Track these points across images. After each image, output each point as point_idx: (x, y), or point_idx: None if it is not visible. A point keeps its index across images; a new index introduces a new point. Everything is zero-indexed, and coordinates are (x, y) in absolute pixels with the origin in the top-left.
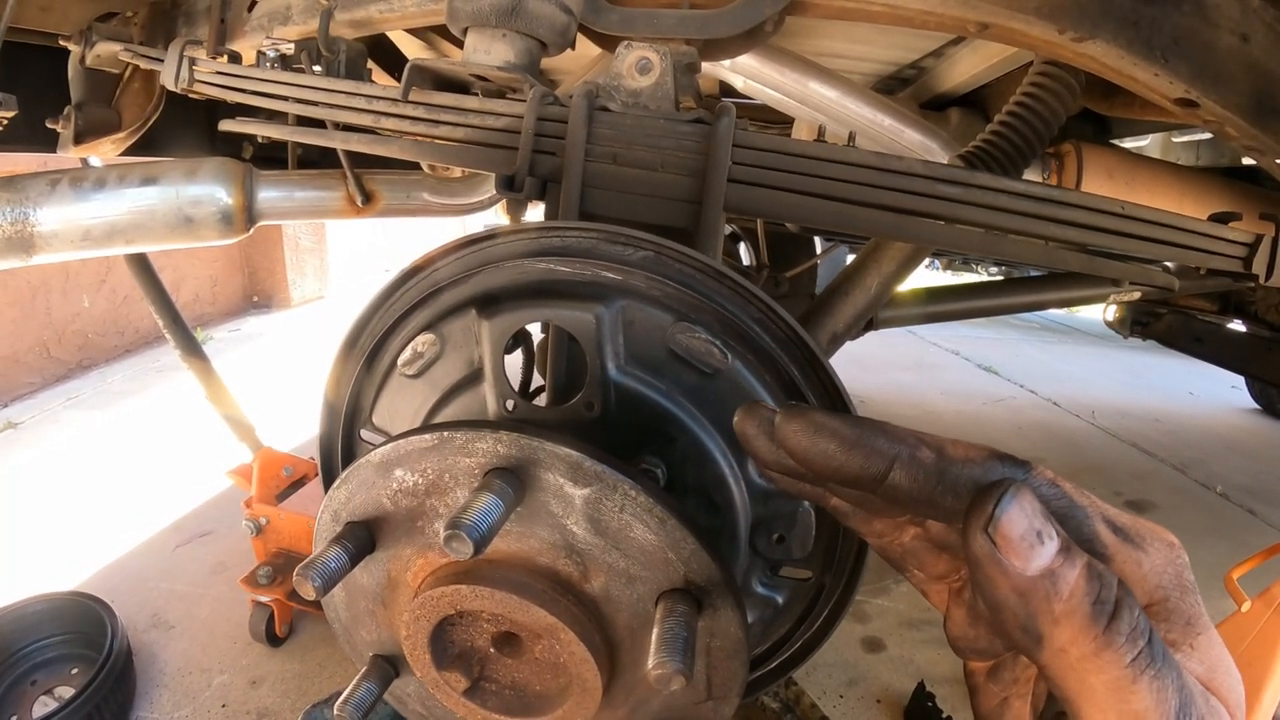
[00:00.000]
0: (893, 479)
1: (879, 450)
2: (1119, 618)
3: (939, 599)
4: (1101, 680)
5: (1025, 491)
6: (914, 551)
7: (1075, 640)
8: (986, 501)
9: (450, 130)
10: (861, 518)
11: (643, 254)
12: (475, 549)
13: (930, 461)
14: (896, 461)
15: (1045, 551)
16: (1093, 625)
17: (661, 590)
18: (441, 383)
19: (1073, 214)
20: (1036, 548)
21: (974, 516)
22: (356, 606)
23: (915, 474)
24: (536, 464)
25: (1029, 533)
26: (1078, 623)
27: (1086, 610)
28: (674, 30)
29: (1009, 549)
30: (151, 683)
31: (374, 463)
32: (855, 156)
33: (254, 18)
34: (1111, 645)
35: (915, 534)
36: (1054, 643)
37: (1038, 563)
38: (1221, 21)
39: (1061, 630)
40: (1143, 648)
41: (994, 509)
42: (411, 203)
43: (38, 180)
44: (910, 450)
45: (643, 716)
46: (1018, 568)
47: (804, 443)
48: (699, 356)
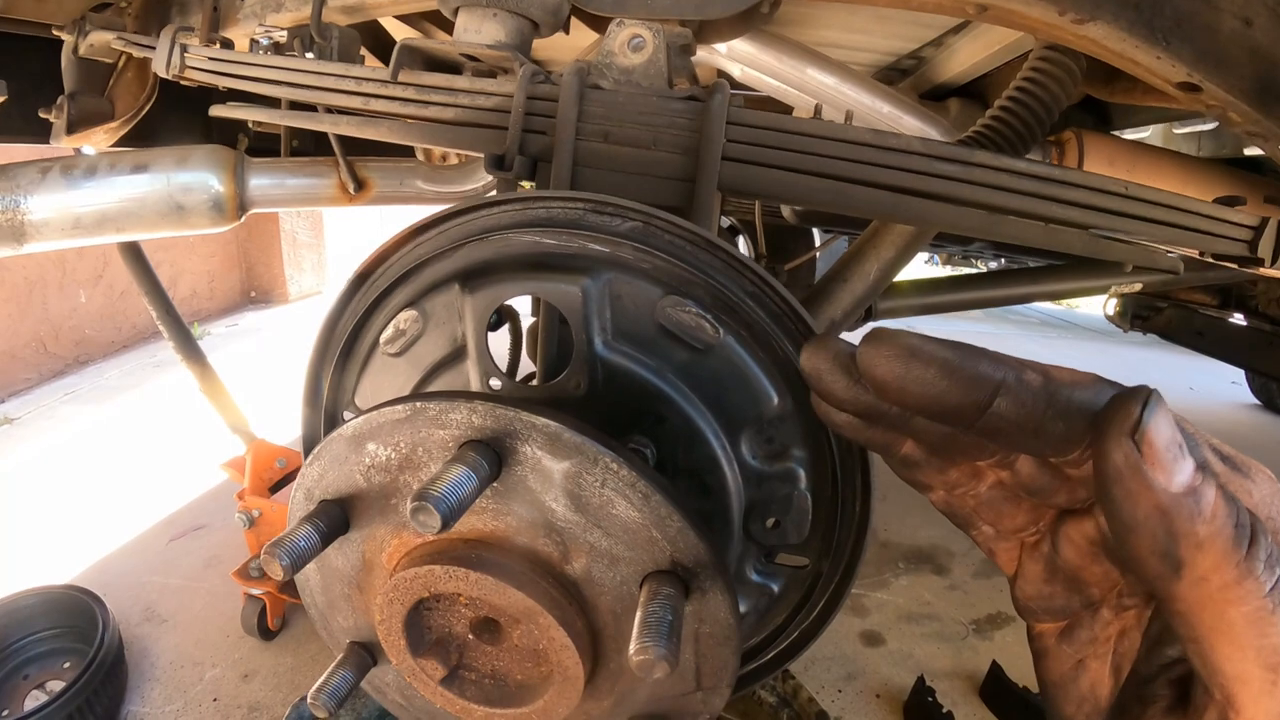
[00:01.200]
0: (998, 407)
1: (984, 375)
2: (1256, 543)
3: (1008, 557)
4: (1241, 612)
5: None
6: (990, 503)
7: (1218, 567)
8: (1131, 406)
9: (440, 110)
10: (936, 466)
11: (631, 224)
12: (443, 523)
13: (1038, 385)
14: (1002, 386)
15: (1187, 466)
16: (1235, 550)
17: (646, 572)
18: (424, 361)
19: (1075, 194)
20: (1180, 460)
21: (1114, 424)
22: (332, 591)
23: (1023, 399)
24: (513, 436)
25: (1172, 444)
26: (1220, 547)
27: (1230, 533)
28: (668, 11)
29: (1155, 460)
30: (143, 676)
31: (346, 436)
32: (852, 134)
33: (247, 5)
34: (1253, 573)
35: (994, 481)
36: (1195, 569)
37: (1181, 477)
38: (1224, 5)
39: (1205, 555)
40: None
41: (1141, 414)
42: (405, 190)
43: (28, 168)
44: (1016, 374)
45: (629, 707)
46: (1161, 482)
47: (897, 369)
48: (689, 332)
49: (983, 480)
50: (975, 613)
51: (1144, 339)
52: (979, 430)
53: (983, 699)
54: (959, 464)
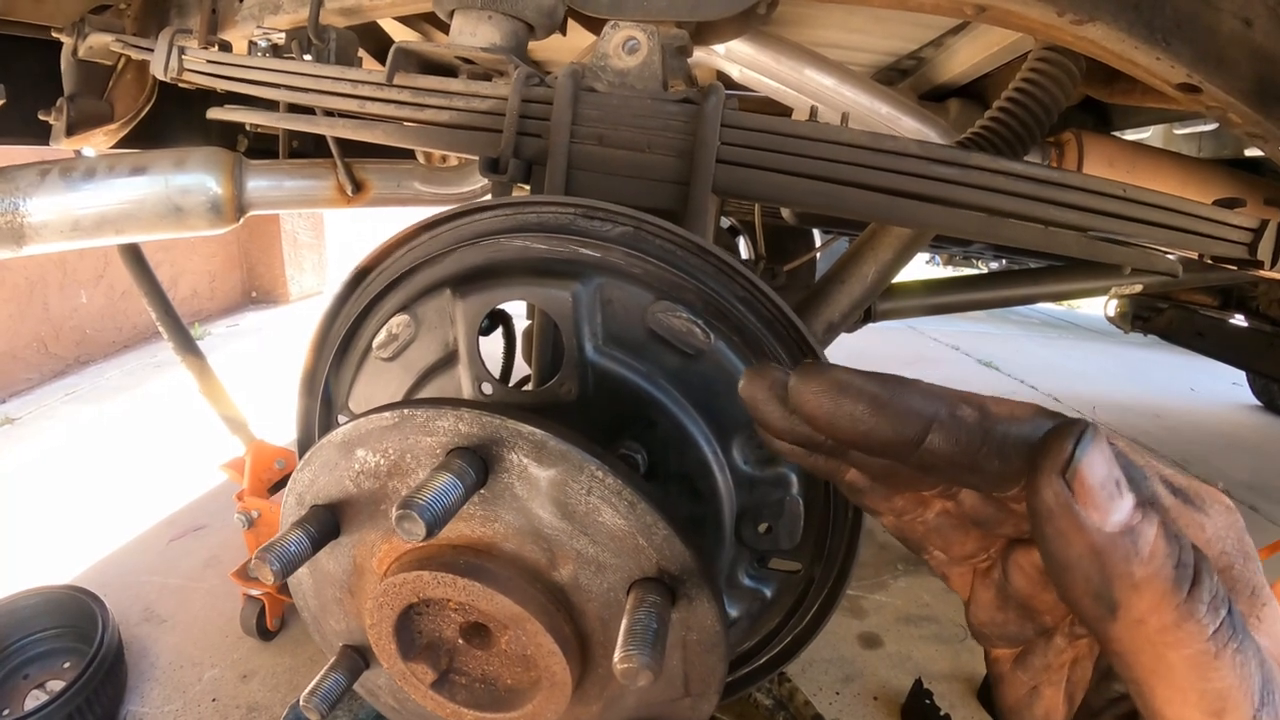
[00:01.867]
0: (930, 443)
1: (914, 410)
2: (1199, 584)
3: (961, 582)
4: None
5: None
6: (938, 530)
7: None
8: (1063, 442)
9: (435, 113)
10: (881, 494)
11: (621, 229)
12: (428, 531)
13: (973, 421)
14: (935, 422)
15: (1124, 504)
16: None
17: (633, 579)
18: (417, 365)
19: (1073, 196)
20: (1116, 499)
21: (1046, 462)
22: (324, 595)
23: (957, 435)
24: (500, 444)
25: (1108, 481)
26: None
27: (1169, 574)
28: (664, 12)
29: (1087, 498)
30: (143, 676)
31: (336, 442)
32: (848, 136)
33: (245, 7)
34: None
35: (941, 510)
36: (1131, 612)
37: (1117, 516)
38: (1224, 5)
39: (1141, 597)
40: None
41: (1073, 451)
42: (402, 192)
43: (27, 170)
44: (950, 409)
45: (618, 713)
46: (1095, 522)
47: (826, 406)
48: (680, 337)
49: (929, 508)
50: None
51: (1145, 339)
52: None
53: (980, 701)
54: (903, 493)
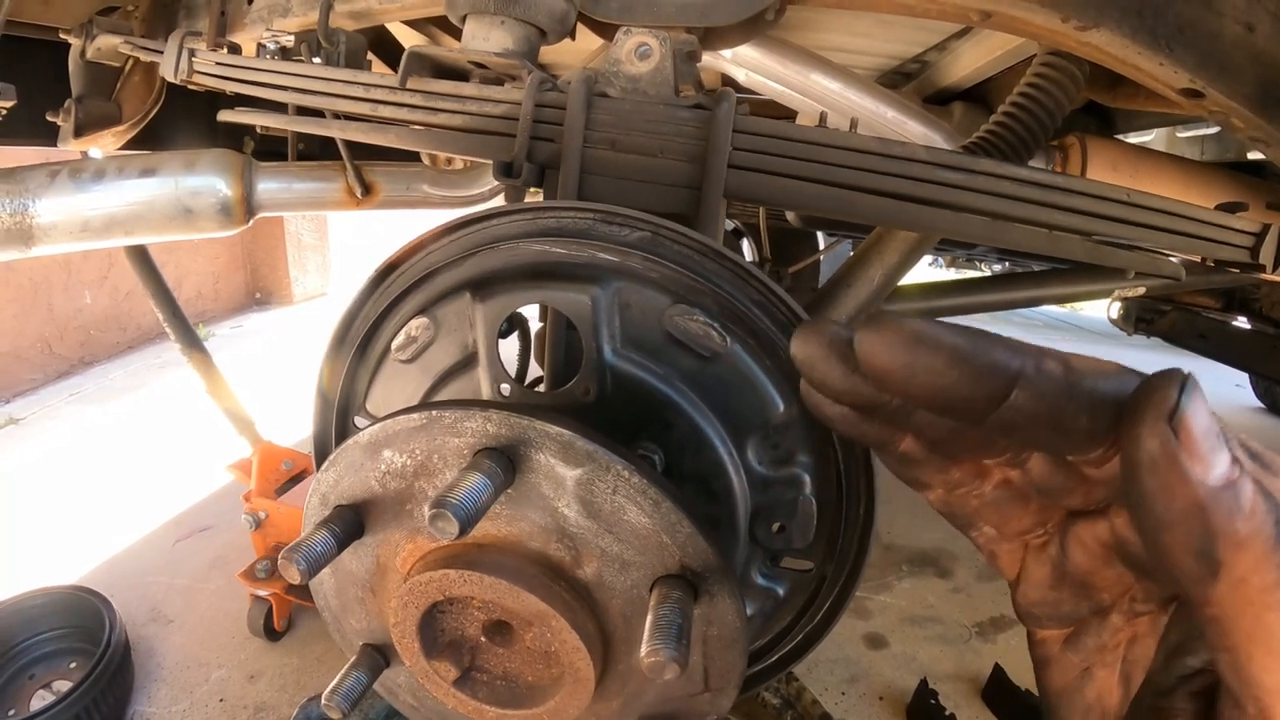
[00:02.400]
0: (1015, 400)
1: (999, 365)
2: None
3: (1011, 559)
4: None
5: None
6: (994, 503)
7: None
8: (1168, 389)
9: (448, 118)
10: (936, 465)
11: (639, 234)
12: (461, 530)
13: (1059, 375)
14: (1021, 377)
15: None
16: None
17: (656, 576)
18: (435, 368)
19: (1077, 201)
20: (1219, 452)
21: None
22: (346, 594)
23: (1043, 391)
24: (527, 444)
25: (1210, 432)
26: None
27: (1271, 533)
28: (674, 18)
29: (1193, 449)
30: (150, 677)
31: (362, 444)
32: (856, 142)
33: (254, 10)
34: None
35: (1000, 480)
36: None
37: (1220, 470)
38: (1226, 10)
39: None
40: None
41: (1179, 399)
42: (411, 194)
43: (37, 171)
44: (1036, 363)
45: (638, 708)
46: (1199, 474)
47: (901, 358)
48: (697, 340)
49: (988, 479)
50: (978, 615)
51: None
52: (993, 426)
53: (985, 701)
54: (963, 462)
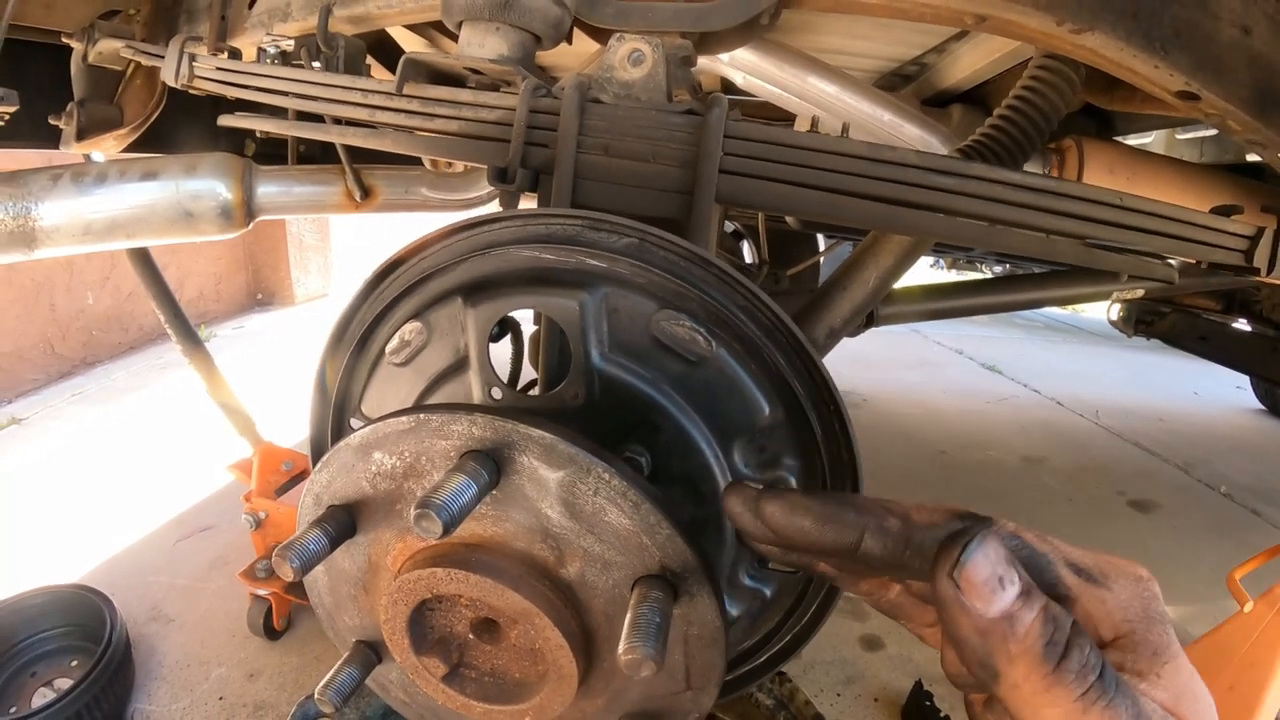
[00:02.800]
0: (865, 547)
1: (849, 523)
2: (1069, 656)
3: (934, 640)
4: (1054, 713)
5: (992, 540)
6: (901, 605)
7: (1028, 676)
8: (953, 549)
9: (444, 123)
10: (848, 580)
11: (627, 241)
12: (445, 529)
13: (896, 529)
14: (866, 532)
15: (1006, 596)
16: (1044, 663)
17: (637, 576)
18: (428, 371)
19: (1070, 205)
20: (998, 593)
21: (941, 563)
22: (339, 591)
23: (884, 541)
24: (511, 447)
25: (991, 578)
26: (1030, 661)
27: (1039, 650)
28: (669, 23)
29: (972, 592)
30: (150, 675)
31: (354, 446)
32: (848, 147)
33: (254, 14)
34: (1061, 681)
35: (899, 590)
36: (1008, 678)
37: (998, 606)
38: (1222, 13)
39: (1016, 667)
40: (1093, 682)
41: (960, 555)
42: (410, 197)
43: (40, 175)
44: (878, 520)
45: (622, 706)
46: (979, 609)
47: (782, 521)
48: (683, 344)
49: (890, 589)
50: None
51: (1148, 343)
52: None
53: None
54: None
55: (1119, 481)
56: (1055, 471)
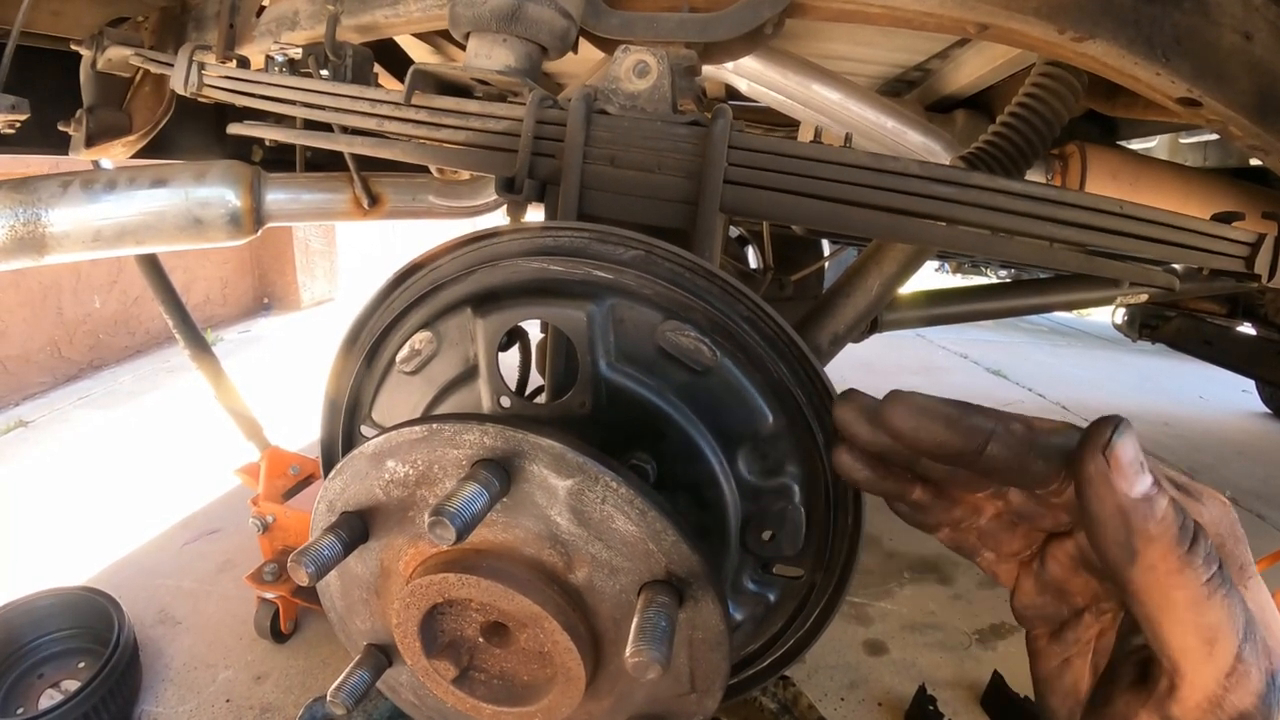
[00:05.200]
0: (990, 451)
1: (978, 426)
2: (1198, 542)
3: (1008, 575)
4: (1182, 595)
5: (1131, 429)
6: (990, 533)
7: (1164, 556)
8: (1104, 429)
9: (452, 133)
10: (941, 507)
11: (633, 253)
12: (458, 536)
13: (1022, 433)
14: (993, 435)
15: (1146, 479)
16: (1178, 545)
17: (644, 581)
18: (438, 380)
19: (1070, 214)
20: (1140, 474)
21: (1091, 442)
22: (351, 596)
23: (1010, 444)
24: (522, 455)
25: (1135, 460)
26: (1166, 542)
27: (1174, 532)
28: (673, 34)
29: (1119, 471)
30: (157, 677)
31: (368, 454)
32: (851, 157)
33: (262, 23)
34: (1191, 564)
35: (992, 514)
36: (1146, 558)
37: (1139, 487)
38: (1223, 19)
39: (1153, 547)
40: (1215, 570)
41: (1111, 435)
42: (417, 205)
43: (49, 182)
44: (1005, 424)
45: (627, 708)
46: (1123, 489)
47: (910, 423)
48: (688, 354)
49: (982, 513)
50: (978, 623)
51: (1153, 347)
52: (976, 469)
53: (984, 708)
54: (961, 501)
55: None
56: None
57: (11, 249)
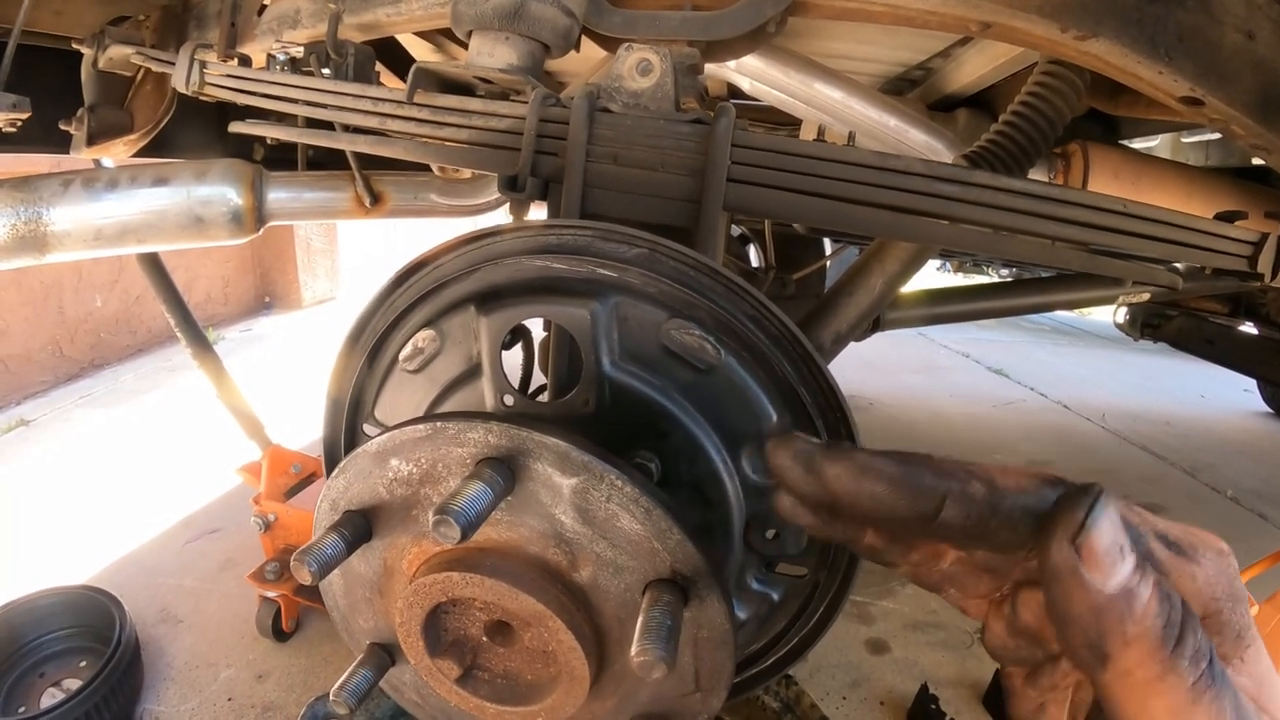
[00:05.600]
0: (945, 516)
1: (929, 488)
2: (1184, 641)
3: (978, 612)
4: (1163, 704)
5: (1113, 505)
6: (953, 576)
7: (1143, 663)
8: (1076, 510)
9: (454, 131)
10: (899, 551)
11: (637, 251)
12: (462, 535)
13: (982, 495)
14: (948, 498)
15: (1125, 568)
16: (1161, 648)
17: (648, 580)
18: (441, 378)
19: (1073, 212)
20: (1119, 563)
21: (1058, 529)
22: (354, 595)
23: (968, 509)
24: (526, 454)
25: (1113, 547)
26: (1147, 646)
27: (1157, 633)
28: (676, 32)
29: (1093, 563)
30: (159, 676)
31: (371, 452)
32: (854, 155)
33: (264, 21)
34: (1176, 669)
35: (955, 559)
36: (1120, 664)
37: (1117, 580)
38: (1226, 18)
39: (1131, 652)
40: (1204, 670)
41: (1085, 519)
42: (419, 203)
43: (51, 181)
44: (961, 485)
45: (631, 707)
46: (1098, 583)
47: (850, 486)
48: (692, 353)
49: (944, 558)
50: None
51: (1155, 347)
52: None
53: (986, 707)
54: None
55: (1125, 485)
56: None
57: (13, 247)
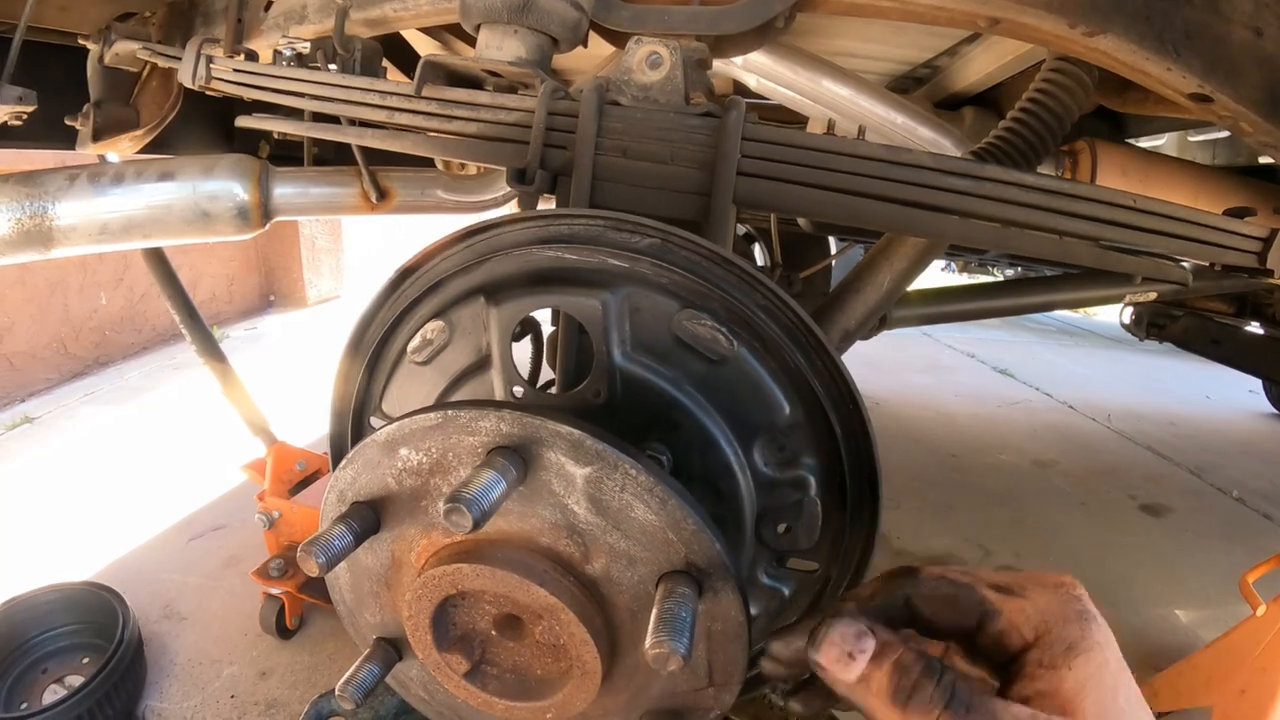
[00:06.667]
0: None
1: None
2: (915, 696)
3: None
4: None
5: (838, 626)
6: None
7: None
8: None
9: (463, 125)
10: None
11: (649, 241)
12: (475, 524)
13: None
14: None
15: (856, 666)
16: (892, 707)
17: (662, 572)
18: (450, 369)
19: (1084, 207)
20: (850, 665)
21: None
22: (361, 588)
23: None
24: (539, 443)
25: (841, 656)
26: (884, 704)
27: (888, 697)
28: (684, 26)
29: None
30: (162, 673)
31: (380, 442)
32: (864, 149)
33: (270, 17)
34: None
35: None
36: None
37: (851, 674)
38: (1234, 15)
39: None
40: (939, 712)
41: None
42: (426, 199)
43: (56, 175)
44: None
45: (643, 703)
46: (840, 679)
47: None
48: (705, 343)
49: None
50: None
51: (1160, 347)
52: None
53: None
54: None
55: (1130, 485)
56: (1066, 475)
57: (18, 242)
